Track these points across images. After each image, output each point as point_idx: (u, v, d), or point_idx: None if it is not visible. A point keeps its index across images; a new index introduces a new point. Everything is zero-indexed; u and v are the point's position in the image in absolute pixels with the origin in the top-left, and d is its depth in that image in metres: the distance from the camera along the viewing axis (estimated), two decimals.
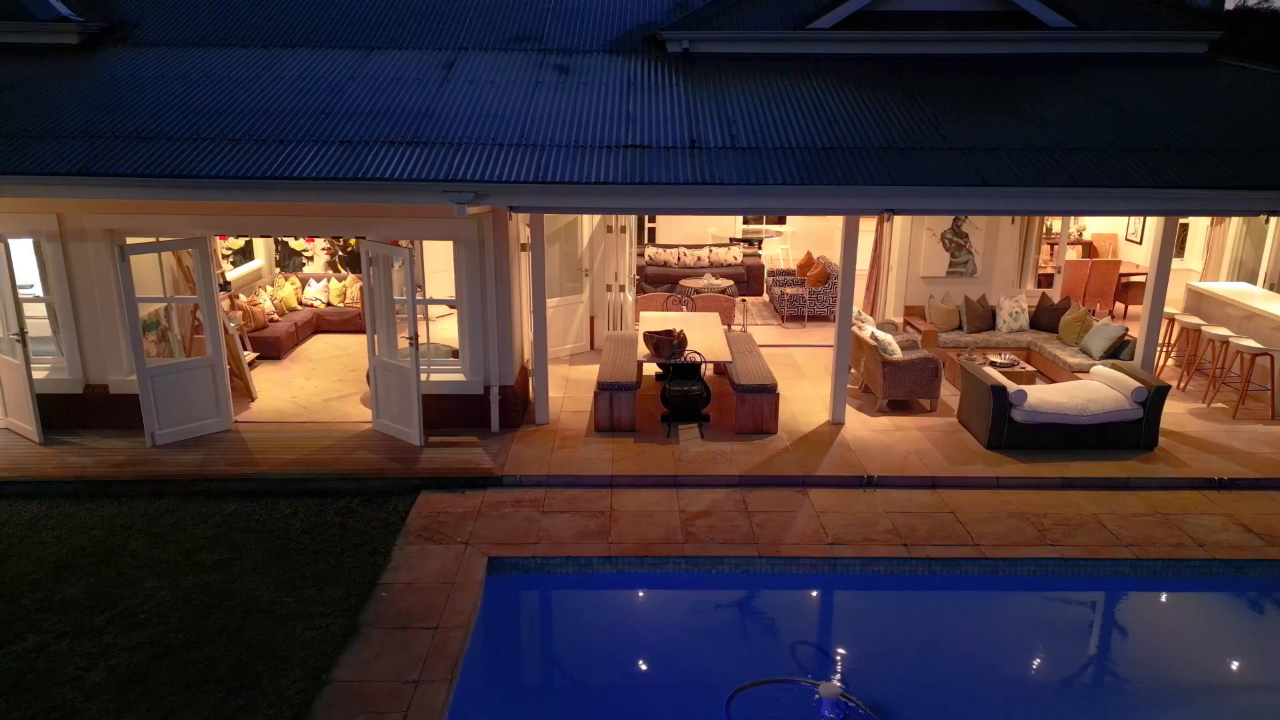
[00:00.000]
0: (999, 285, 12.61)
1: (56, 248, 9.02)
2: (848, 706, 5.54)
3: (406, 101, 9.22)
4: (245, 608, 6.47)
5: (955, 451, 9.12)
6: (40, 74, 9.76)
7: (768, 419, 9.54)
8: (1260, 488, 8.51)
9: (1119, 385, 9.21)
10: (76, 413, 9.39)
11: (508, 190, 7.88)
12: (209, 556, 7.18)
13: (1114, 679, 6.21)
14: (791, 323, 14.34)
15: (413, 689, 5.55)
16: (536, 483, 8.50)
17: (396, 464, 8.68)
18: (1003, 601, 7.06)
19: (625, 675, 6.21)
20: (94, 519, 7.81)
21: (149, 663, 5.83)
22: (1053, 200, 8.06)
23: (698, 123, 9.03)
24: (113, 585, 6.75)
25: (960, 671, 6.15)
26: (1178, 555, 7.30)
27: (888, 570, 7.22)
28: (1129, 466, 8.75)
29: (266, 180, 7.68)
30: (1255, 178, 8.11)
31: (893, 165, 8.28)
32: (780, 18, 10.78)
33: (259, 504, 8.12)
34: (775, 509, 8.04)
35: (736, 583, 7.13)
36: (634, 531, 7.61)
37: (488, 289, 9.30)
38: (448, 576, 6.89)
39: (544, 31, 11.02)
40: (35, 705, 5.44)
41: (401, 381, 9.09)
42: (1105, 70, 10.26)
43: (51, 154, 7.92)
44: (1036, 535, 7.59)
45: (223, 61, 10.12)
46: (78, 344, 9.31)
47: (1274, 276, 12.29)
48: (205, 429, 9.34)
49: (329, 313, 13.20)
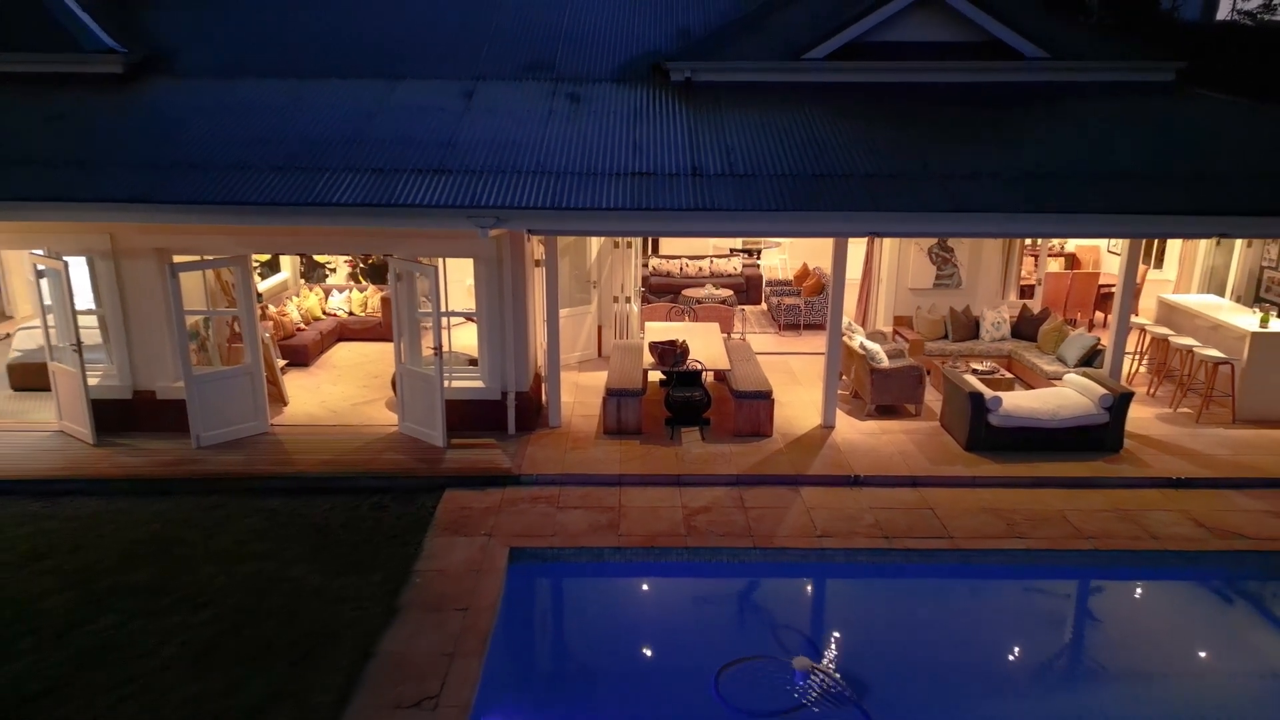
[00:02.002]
0: (983, 297, 13.38)
1: (109, 265, 9.82)
2: (823, 678, 6.32)
3: (430, 130, 10.01)
4: (296, 591, 7.25)
5: (936, 453, 9.90)
6: (90, 103, 10.55)
7: (763, 423, 10.32)
8: (1215, 486, 9.28)
9: (1088, 392, 9.99)
10: (126, 416, 10.18)
11: (526, 216, 8.68)
12: (259, 547, 7.97)
13: (1069, 656, 6.99)
14: (788, 331, 15.12)
15: (449, 661, 6.34)
16: (551, 481, 9.28)
17: (423, 464, 9.47)
18: (973, 588, 7.83)
19: (632, 651, 7.00)
20: (150, 513, 8.60)
21: (216, 638, 6.62)
22: (1020, 224, 8.86)
23: (699, 151, 9.81)
24: (175, 572, 7.54)
25: (931, 649, 6.94)
26: (1133, 547, 8.08)
27: (870, 560, 7.99)
28: (1095, 467, 9.53)
29: (308, 206, 8.48)
30: (1207, 204, 8.89)
31: (877, 192, 9.06)
32: (776, 49, 11.56)
33: (299, 500, 8.90)
34: (769, 505, 8.82)
35: (733, 571, 7.91)
36: (641, 525, 8.39)
37: (505, 302, 10.09)
38: (474, 565, 7.67)
39: (556, 60, 11.81)
40: (118, 675, 6.21)
41: (425, 388, 9.87)
42: (1078, 98, 11.03)
43: (114, 182, 8.72)
44: (1006, 529, 8.37)
45: (258, 91, 10.91)
46: (128, 353, 10.10)
47: (1240, 289, 13.06)
48: (245, 431, 10.13)
49: (351, 322, 13.99)
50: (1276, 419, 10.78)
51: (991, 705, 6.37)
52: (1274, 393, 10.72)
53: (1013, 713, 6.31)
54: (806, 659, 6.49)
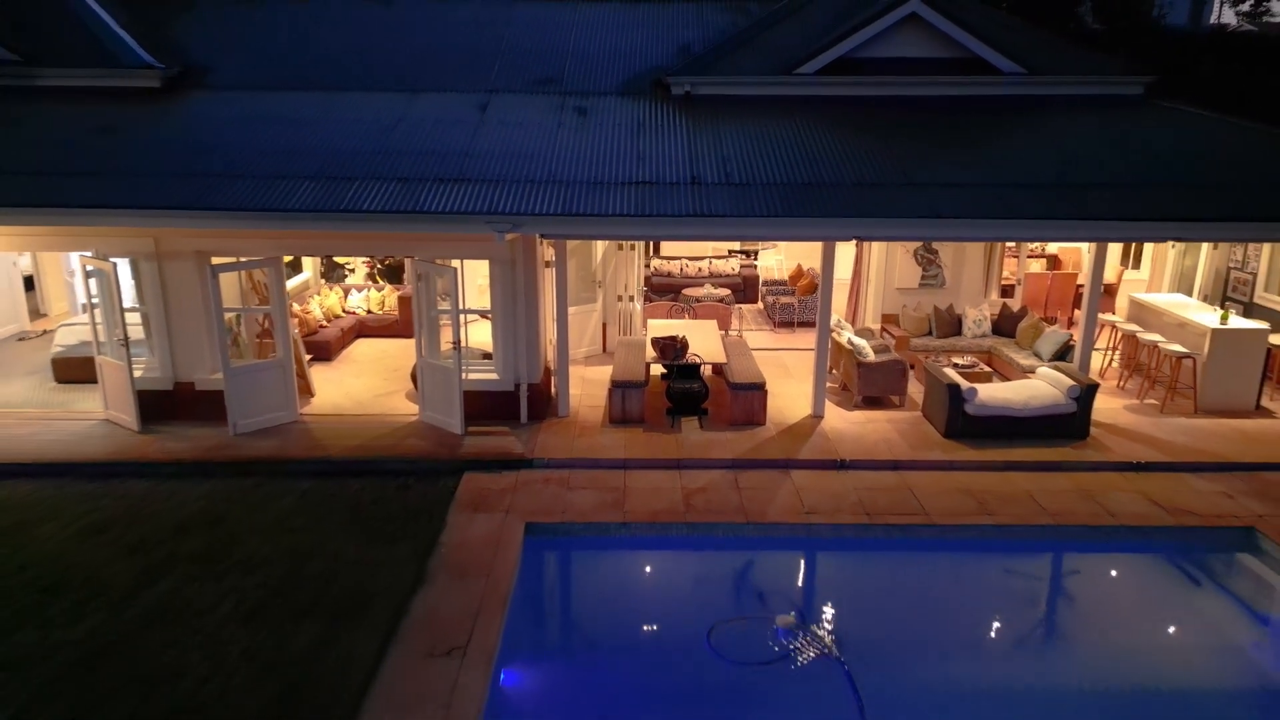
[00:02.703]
0: (965, 296, 14.18)
1: (153, 266, 10.63)
2: (803, 634, 7.12)
3: (449, 141, 10.82)
4: (334, 560, 8.06)
5: (917, 440, 10.70)
6: (133, 115, 11.38)
7: (757, 412, 11.12)
8: (1173, 470, 10.08)
9: (1057, 384, 10.78)
10: (167, 406, 10.99)
11: (540, 221, 9.49)
12: (298, 522, 8.78)
13: (1026, 617, 7.79)
14: (782, 328, 15.92)
15: (473, 618, 7.14)
16: (561, 465, 10.09)
17: (443, 449, 10.28)
18: (945, 559, 8.64)
19: (635, 612, 7.81)
20: (196, 494, 9.42)
21: (265, 599, 7.43)
22: (991, 229, 9.68)
23: (698, 161, 10.62)
24: (224, 543, 8.35)
25: (904, 610, 7.75)
26: (1092, 523, 8.87)
27: (853, 534, 8.79)
28: (1062, 452, 10.33)
29: (340, 213, 9.29)
30: (1164, 210, 9.69)
31: (862, 199, 9.87)
32: (770, 64, 12.37)
33: (330, 481, 9.71)
34: (761, 486, 9.62)
35: (727, 544, 8.70)
36: (644, 504, 9.19)
37: (518, 301, 10.89)
38: (494, 538, 8.47)
39: (564, 75, 12.62)
40: (180, 630, 7.02)
41: (445, 379, 10.68)
42: (1051, 111, 11.84)
43: (162, 190, 9.54)
44: (978, 507, 9.17)
45: (287, 104, 11.73)
46: (169, 347, 10.92)
47: (1208, 288, 13.85)
48: (277, 420, 10.94)
49: (370, 319, 14.81)
50: (1235, 409, 11.56)
51: (955, 659, 7.17)
52: (1233, 384, 11.51)
53: (974, 664, 7.11)
54: (789, 617, 7.30)
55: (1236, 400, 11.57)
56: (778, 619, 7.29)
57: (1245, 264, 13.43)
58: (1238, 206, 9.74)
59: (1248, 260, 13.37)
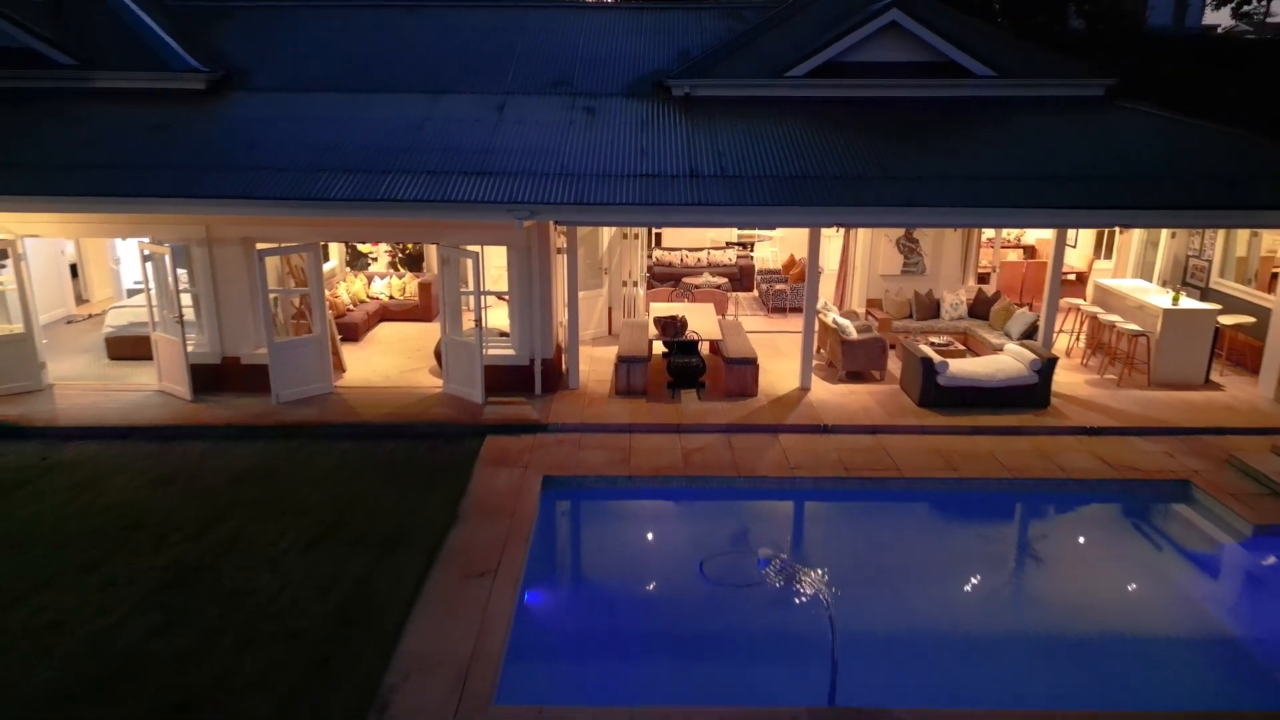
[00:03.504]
0: (944, 282, 15.30)
1: (204, 251, 11.77)
2: (783, 562, 8.26)
3: (471, 139, 11.95)
4: (376, 505, 9.20)
5: (894, 408, 11.83)
6: (183, 116, 12.52)
7: (750, 384, 12.25)
8: (1122, 434, 11.20)
9: (1021, 358, 11.91)
10: (215, 378, 12.13)
11: (554, 210, 10.63)
12: (340, 475, 9.92)
13: (979, 551, 8.94)
14: (776, 314, 17.05)
15: (501, 549, 8.27)
16: (573, 429, 11.22)
17: (466, 416, 11.42)
18: (913, 506, 9.77)
19: (638, 548, 8.97)
20: (248, 452, 10.56)
21: (319, 535, 8.57)
22: (958, 216, 10.81)
23: (696, 155, 11.75)
24: (278, 492, 9.50)
25: (873, 545, 8.89)
26: (1044, 476, 10.01)
27: (832, 486, 9.91)
28: (1024, 419, 11.46)
29: (378, 202, 10.43)
30: (1113, 199, 10.82)
31: (843, 190, 11.00)
32: (763, 67, 13.49)
33: (366, 443, 10.85)
34: (752, 447, 10.75)
35: (721, 494, 9.83)
36: (647, 461, 10.33)
37: (533, 283, 12.01)
38: (515, 488, 9.61)
39: (574, 78, 13.75)
40: (249, 558, 8.16)
41: (467, 354, 11.81)
42: (1019, 110, 12.96)
43: (218, 182, 10.68)
44: (944, 464, 10.30)
45: (322, 104, 12.87)
46: (218, 325, 12.06)
47: (1166, 274, 14.97)
48: (314, 391, 12.07)
49: (392, 304, 15.95)
50: (1186, 383, 12.68)
51: (913, 581, 8.30)
52: (1183, 360, 12.63)
53: (927, 586, 8.24)
54: (769, 549, 8.44)
55: (1187, 374, 12.69)
56: (760, 551, 8.42)
57: (1202, 252, 14.55)
58: (1179, 196, 10.86)
59: (1204, 249, 14.49)
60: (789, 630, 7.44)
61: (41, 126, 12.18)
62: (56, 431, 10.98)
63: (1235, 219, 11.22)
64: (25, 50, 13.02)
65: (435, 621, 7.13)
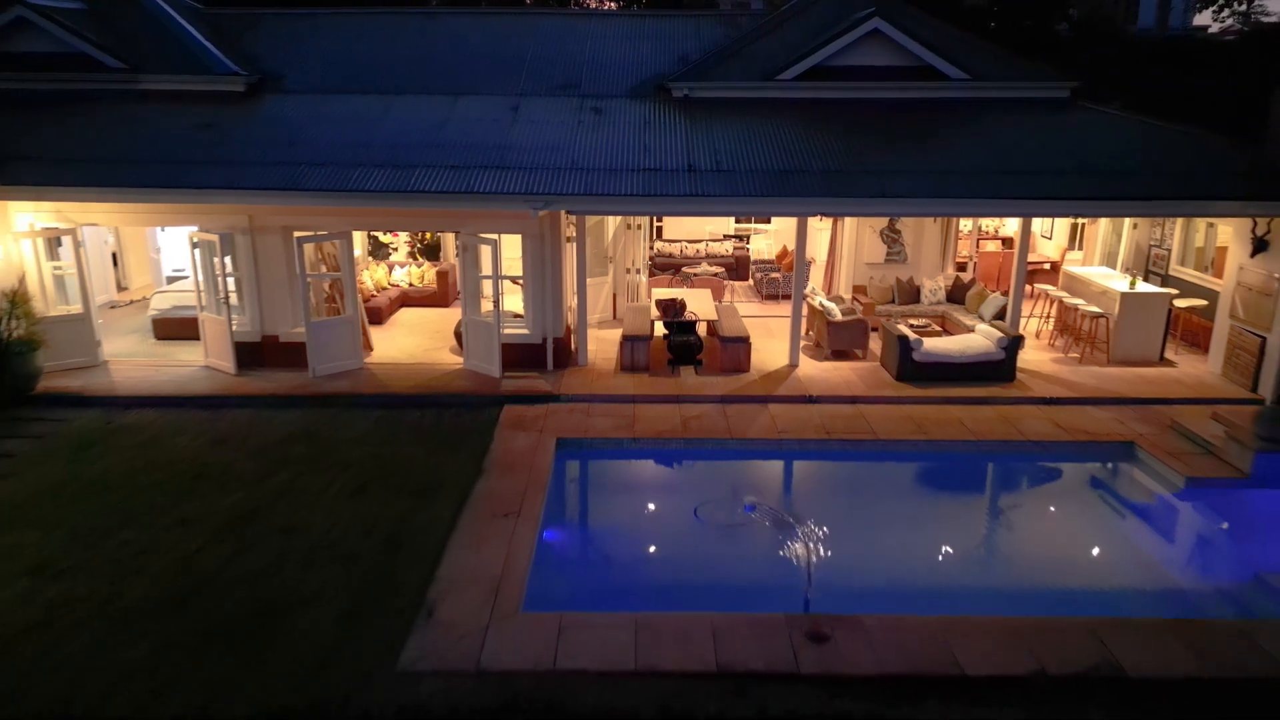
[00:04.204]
0: (924, 269, 16.48)
1: (247, 239, 12.96)
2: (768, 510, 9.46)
3: (489, 136, 13.13)
4: (409, 461, 10.38)
5: (874, 382, 13.02)
6: (225, 116, 13.70)
7: (743, 361, 13.43)
8: (1078, 404, 12.38)
9: (989, 336, 13.09)
10: (256, 355, 13.31)
11: (566, 200, 11.82)
12: (375, 437, 11.11)
13: (942, 500, 10.13)
14: (769, 300, 18.23)
15: (522, 495, 9.46)
16: (582, 399, 12.40)
17: (486, 388, 12.60)
18: (885, 463, 10.96)
19: (642, 496, 10.16)
20: (290, 418, 11.74)
21: (362, 484, 9.75)
22: (927, 206, 12.01)
23: (694, 152, 12.93)
24: (322, 450, 10.68)
25: (851, 495, 10.08)
26: (1004, 438, 11.20)
27: (815, 448, 11.10)
28: (991, 390, 12.64)
29: (408, 193, 11.63)
30: (1068, 191, 12.00)
31: (826, 182, 12.18)
32: (756, 71, 14.66)
33: (396, 411, 12.03)
34: (744, 415, 11.94)
35: (715, 454, 11.03)
36: (649, 425, 11.51)
37: (545, 268, 13.18)
38: (532, 448, 10.79)
39: (581, 81, 14.94)
40: (303, 502, 9.34)
41: (486, 333, 12.99)
42: (990, 111, 14.12)
43: (262, 176, 11.87)
44: (916, 428, 11.48)
45: (351, 105, 14.05)
46: (258, 306, 13.25)
47: (1129, 262, 16.15)
48: (346, 366, 13.25)
49: (412, 291, 17.13)
50: (1142, 360, 13.85)
51: (881, 523, 9.49)
52: (1140, 339, 13.80)
53: (893, 526, 9.43)
54: (754, 497, 9.64)
55: (1143, 352, 13.86)
56: (747, 498, 9.62)
57: (1162, 242, 15.73)
58: (1129, 188, 12.04)
59: (1164, 239, 15.66)
60: (771, 558, 8.62)
61: (97, 125, 13.35)
62: (115, 400, 12.17)
63: (1178, 208, 12.46)
64: (79, 55, 14.21)
65: (469, 550, 8.33)
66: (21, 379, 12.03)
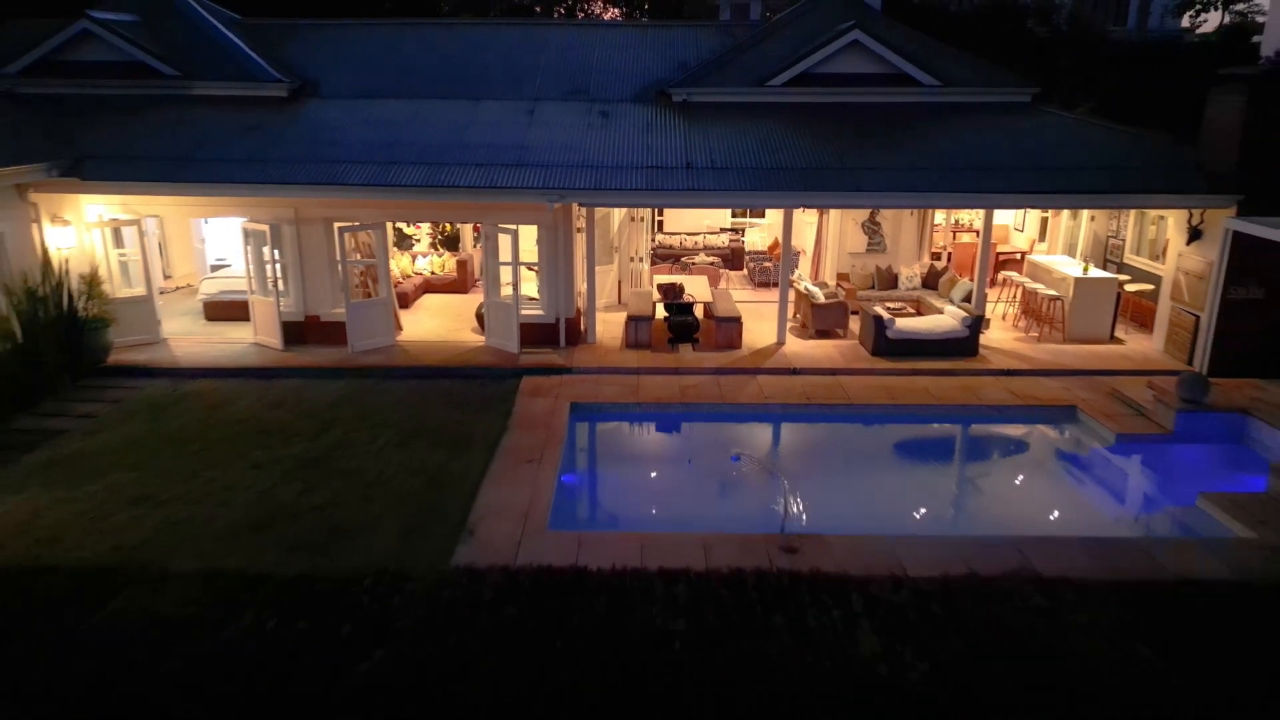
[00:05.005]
0: (902, 258, 18.05)
1: (293, 229, 14.52)
2: (752, 458, 11.04)
3: (508, 137, 14.69)
4: (444, 420, 11.95)
5: (852, 357, 14.59)
6: (271, 119, 15.26)
7: (735, 339, 15.00)
8: (1032, 375, 13.94)
9: (955, 316, 14.66)
10: (299, 334, 14.87)
11: (578, 194, 13.39)
12: (412, 401, 12.67)
13: (907, 450, 11.71)
14: (762, 288, 19.79)
15: (543, 447, 11.03)
16: (592, 371, 13.97)
17: (506, 362, 14.18)
18: (857, 425, 12.54)
19: (644, 451, 11.73)
20: (335, 387, 13.31)
21: (405, 438, 11.32)
22: (896, 198, 13.60)
23: (691, 151, 14.49)
24: (366, 412, 12.25)
25: (824, 447, 11.66)
26: (963, 403, 12.77)
27: (798, 413, 12.66)
28: (955, 364, 14.21)
29: (439, 188, 13.20)
30: (1021, 186, 13.56)
31: (808, 178, 13.74)
32: (748, 78, 16.22)
33: (428, 381, 13.59)
34: (735, 384, 13.51)
35: (709, 416, 12.60)
36: (651, 392, 13.08)
37: (558, 255, 14.74)
38: (549, 411, 12.36)
39: (590, 87, 16.49)
40: (355, 452, 10.91)
41: (505, 314, 14.55)
42: (958, 114, 15.67)
43: (313, 173, 13.44)
44: (886, 394, 13.05)
45: (384, 110, 15.61)
46: (302, 289, 14.82)
47: (1087, 252, 17.71)
48: (380, 343, 14.82)
49: (434, 279, 18.70)
50: (1094, 338, 15.41)
51: (849, 468, 11.06)
52: (1092, 320, 15.35)
53: (859, 470, 11.00)
54: (740, 450, 11.23)
55: (1095, 331, 15.42)
56: (734, 450, 11.20)
57: (1118, 233, 17.28)
58: (1075, 182, 13.61)
59: (1120, 230, 17.22)
60: (753, 496, 10.20)
61: (157, 126, 14.92)
62: (179, 371, 13.75)
63: (1115, 201, 14.13)
64: (137, 63, 15.77)
65: (500, 487, 9.91)
66: (96, 352, 13.61)
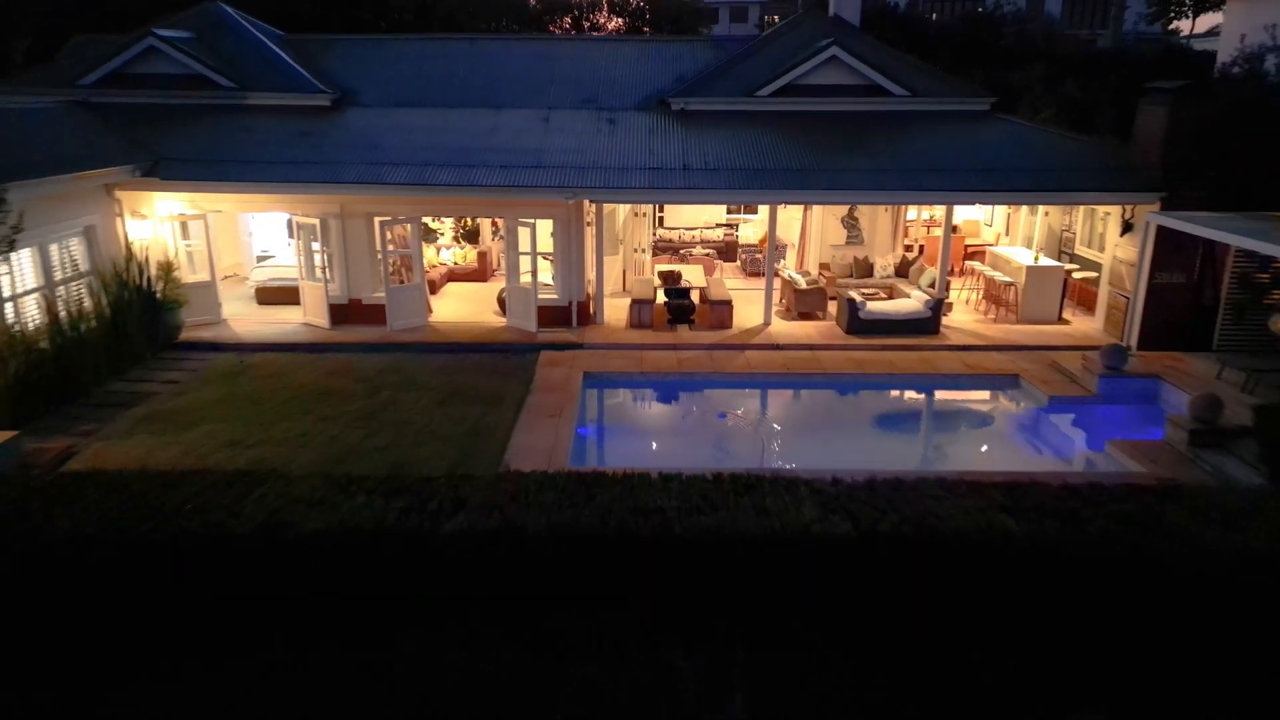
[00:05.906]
0: (878, 249, 20.08)
1: (338, 222, 16.56)
2: (736, 415, 13.10)
3: (527, 141, 16.73)
4: (475, 386, 14.00)
5: (828, 335, 16.64)
6: (317, 125, 17.31)
7: (726, 319, 17.04)
8: (984, 350, 15.96)
9: (920, 299, 16.70)
10: (343, 314, 16.91)
11: (589, 191, 15.44)
12: (447, 370, 14.72)
13: (869, 409, 13.79)
14: (752, 277, 21.80)
15: (561, 405, 13.07)
16: (601, 347, 16.03)
17: (526, 339, 16.23)
18: (828, 391, 14.59)
19: (647, 410, 13.80)
20: (378, 359, 15.36)
21: (444, 398, 13.37)
22: (866, 196, 15.65)
23: (688, 154, 16.53)
24: (409, 378, 14.30)
25: (801, 410, 13.71)
26: (920, 372, 14.82)
27: (778, 381, 14.72)
28: (918, 340, 16.25)
29: (469, 187, 15.25)
30: (974, 185, 15.60)
31: (789, 177, 15.79)
32: (739, 88, 18.25)
33: (458, 355, 15.64)
34: (725, 358, 15.55)
35: (701, 384, 14.65)
36: (653, 364, 15.14)
37: (570, 246, 16.77)
38: (565, 378, 14.40)
39: (598, 97, 18.54)
40: (403, 408, 12.94)
41: (524, 297, 16.59)
42: (925, 121, 17.70)
43: (358, 173, 15.49)
44: (855, 366, 15.09)
45: (416, 117, 17.65)
46: (346, 275, 16.87)
47: (1043, 243, 19.76)
48: (415, 323, 16.87)
49: (457, 269, 20.75)
50: (1044, 320, 17.42)
51: (817, 423, 13.11)
52: (1042, 303, 17.37)
53: (828, 424, 13.05)
54: (726, 410, 13.30)
55: (1045, 314, 17.45)
56: (720, 409, 13.28)
57: (1070, 227, 19.32)
58: (1021, 182, 15.65)
59: (1071, 224, 19.25)
60: (736, 444, 12.26)
61: (217, 132, 16.96)
62: (241, 346, 15.81)
63: (1054, 198, 16.26)
64: (197, 76, 17.81)
65: (528, 435, 11.97)
66: (171, 329, 15.67)
